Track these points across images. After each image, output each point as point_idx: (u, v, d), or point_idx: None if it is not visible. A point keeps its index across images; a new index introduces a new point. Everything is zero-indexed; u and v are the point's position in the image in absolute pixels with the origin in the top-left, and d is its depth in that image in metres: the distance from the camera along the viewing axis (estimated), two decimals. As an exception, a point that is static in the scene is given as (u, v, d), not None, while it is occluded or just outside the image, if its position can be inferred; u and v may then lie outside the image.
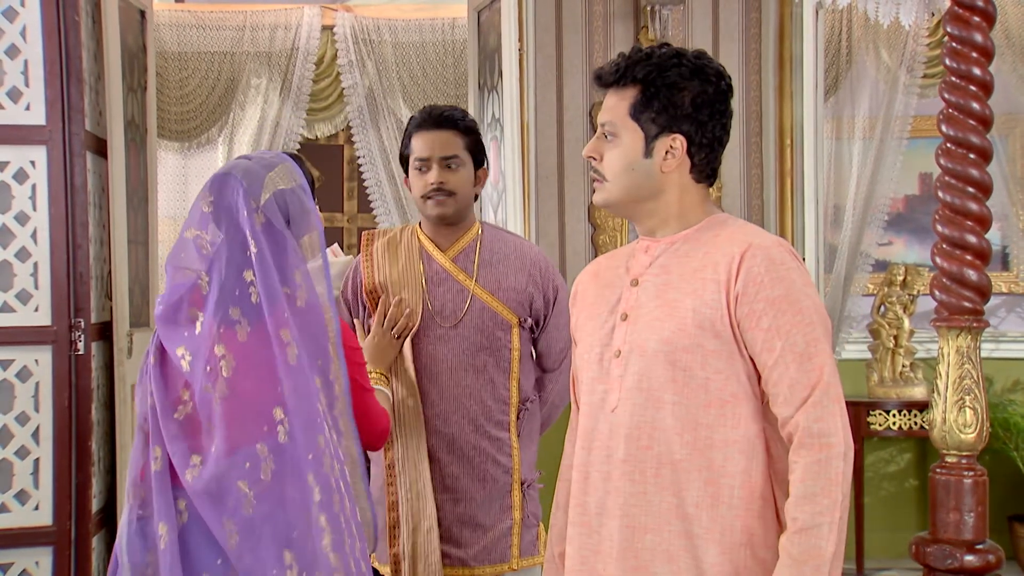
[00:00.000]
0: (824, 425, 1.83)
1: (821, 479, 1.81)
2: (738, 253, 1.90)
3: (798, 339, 1.86)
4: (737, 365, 1.90)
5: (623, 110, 1.98)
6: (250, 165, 2.24)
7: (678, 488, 1.90)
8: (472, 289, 2.73)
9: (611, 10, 4.81)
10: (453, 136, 2.74)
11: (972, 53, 2.99)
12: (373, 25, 5.72)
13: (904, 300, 5.28)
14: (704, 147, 1.98)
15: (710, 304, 1.90)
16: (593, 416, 2.00)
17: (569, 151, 4.81)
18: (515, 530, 2.74)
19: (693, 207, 2.01)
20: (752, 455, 1.90)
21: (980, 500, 2.99)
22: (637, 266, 2.02)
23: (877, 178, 5.60)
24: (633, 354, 1.95)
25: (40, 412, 3.61)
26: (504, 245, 2.80)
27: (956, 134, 3.01)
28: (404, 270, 2.77)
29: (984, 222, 3.00)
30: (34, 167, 3.63)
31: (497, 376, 2.73)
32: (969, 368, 2.97)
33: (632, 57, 1.99)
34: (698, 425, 1.90)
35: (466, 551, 2.72)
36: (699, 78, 1.96)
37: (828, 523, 1.80)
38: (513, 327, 2.74)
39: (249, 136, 5.65)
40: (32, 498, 3.60)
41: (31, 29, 3.62)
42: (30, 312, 3.62)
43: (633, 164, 1.97)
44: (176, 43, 5.53)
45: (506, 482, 2.74)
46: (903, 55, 5.54)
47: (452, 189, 2.72)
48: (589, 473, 1.99)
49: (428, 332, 2.73)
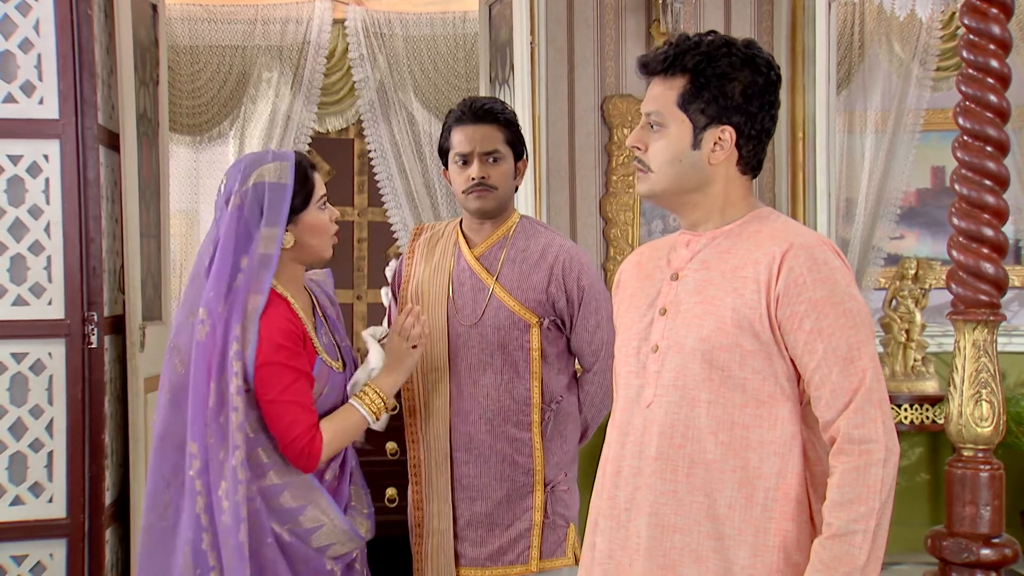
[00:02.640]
0: (865, 431, 1.80)
1: (859, 486, 1.78)
2: (779, 253, 1.86)
3: (840, 342, 1.82)
4: (776, 366, 1.87)
5: (671, 100, 1.93)
6: (256, 156, 2.54)
7: (710, 488, 1.87)
8: (492, 288, 2.71)
9: (623, 3, 4.80)
10: (494, 130, 2.71)
11: (990, 45, 2.99)
12: (384, 19, 5.71)
13: (916, 294, 5.27)
14: (752, 139, 1.94)
15: (750, 304, 1.86)
16: (628, 410, 1.98)
17: (580, 144, 4.80)
18: (535, 532, 2.69)
19: (737, 200, 1.97)
20: (788, 457, 1.87)
21: (996, 494, 2.99)
22: (678, 260, 1.99)
23: (889, 172, 5.58)
24: (671, 350, 1.92)
25: (54, 405, 3.62)
26: (533, 242, 2.76)
27: (973, 127, 3.01)
28: (436, 267, 2.79)
29: (1001, 215, 3.00)
30: (47, 161, 3.64)
31: (516, 376, 2.69)
32: (986, 362, 2.97)
33: (680, 46, 1.94)
34: (734, 425, 1.87)
35: (481, 551, 2.70)
36: (750, 68, 1.92)
37: (863, 530, 1.77)
38: (532, 327, 2.69)
39: (260, 130, 5.64)
40: (46, 491, 3.61)
41: (44, 23, 3.62)
42: (43, 305, 3.62)
43: (680, 155, 1.93)
44: (188, 37, 5.53)
45: (526, 483, 2.70)
46: (916, 47, 5.52)
47: (493, 184, 2.70)
48: (621, 467, 1.97)
49: (450, 330, 2.72)
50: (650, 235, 4.79)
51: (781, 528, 1.86)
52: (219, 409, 2.39)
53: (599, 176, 4.77)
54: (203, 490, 2.39)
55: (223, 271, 2.43)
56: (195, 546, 2.39)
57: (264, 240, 2.44)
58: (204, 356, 2.41)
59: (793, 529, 1.86)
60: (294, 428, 2.43)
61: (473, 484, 2.70)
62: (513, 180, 2.76)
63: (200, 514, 2.39)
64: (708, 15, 4.84)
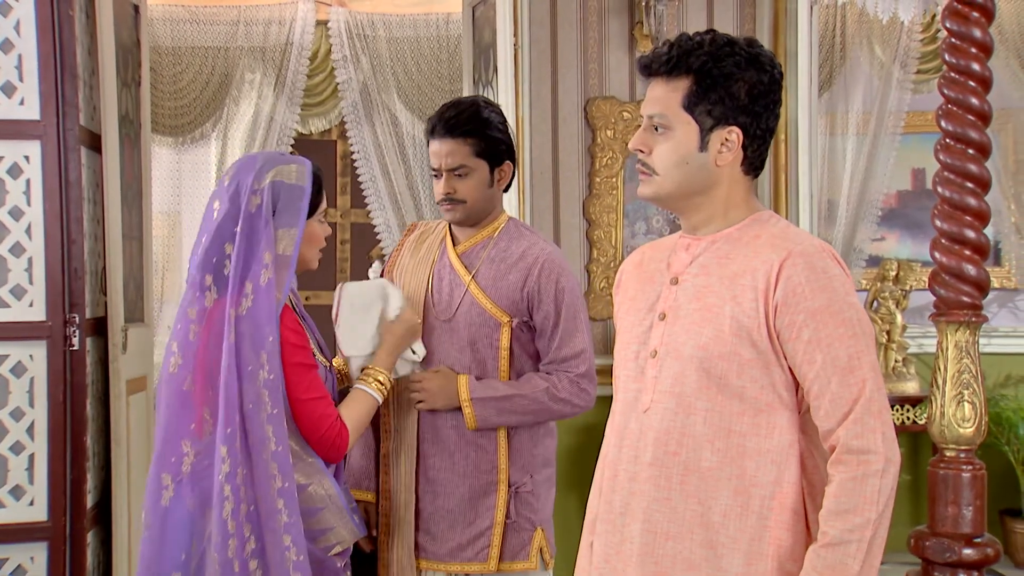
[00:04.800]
0: (863, 442, 1.78)
1: (856, 496, 1.76)
2: (778, 261, 1.84)
3: (840, 352, 1.80)
4: (774, 374, 1.85)
5: (676, 102, 1.89)
6: (272, 154, 2.55)
7: (704, 496, 1.85)
8: (468, 285, 2.73)
9: (606, 5, 4.81)
10: (460, 145, 2.71)
11: (971, 49, 3.01)
12: (367, 20, 5.70)
13: (897, 295, 5.30)
14: (757, 139, 1.91)
15: (748, 313, 1.84)
16: (625, 414, 1.96)
17: (564, 146, 4.81)
18: (496, 531, 2.70)
19: (739, 202, 1.95)
20: (785, 466, 1.85)
21: (978, 494, 3.01)
22: (677, 263, 1.96)
23: (870, 173, 5.62)
24: (669, 356, 1.90)
25: (35, 407, 3.59)
26: (515, 244, 2.77)
27: (955, 129, 3.02)
28: (421, 260, 2.83)
29: (983, 217, 3.02)
30: (28, 162, 3.61)
31: (484, 373, 2.71)
32: (968, 363, 2.99)
33: (683, 46, 1.90)
34: (731, 432, 1.85)
35: (441, 546, 2.72)
36: (755, 67, 1.88)
37: (857, 541, 1.76)
38: (503, 326, 2.71)
39: (243, 131, 5.62)
40: (27, 494, 3.58)
41: (25, 24, 3.60)
42: (24, 307, 3.60)
43: (687, 158, 1.90)
44: (170, 38, 5.51)
45: (489, 481, 2.71)
46: (897, 50, 5.56)
47: (460, 198, 2.73)
48: (617, 471, 1.95)
49: (426, 323, 2.76)
50: (633, 237, 4.80)
51: (776, 537, 1.84)
52: (257, 407, 2.40)
53: (582, 178, 4.78)
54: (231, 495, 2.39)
55: (245, 267, 2.42)
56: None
57: (282, 240, 2.45)
58: (233, 355, 2.39)
59: (788, 538, 1.84)
60: (323, 423, 2.48)
61: (438, 478, 2.72)
62: (488, 188, 2.76)
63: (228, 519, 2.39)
64: (691, 17, 4.85)
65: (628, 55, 4.78)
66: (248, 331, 2.39)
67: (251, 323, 2.39)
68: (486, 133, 2.74)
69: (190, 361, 2.43)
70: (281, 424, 2.39)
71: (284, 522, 2.36)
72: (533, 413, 2.69)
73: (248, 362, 2.38)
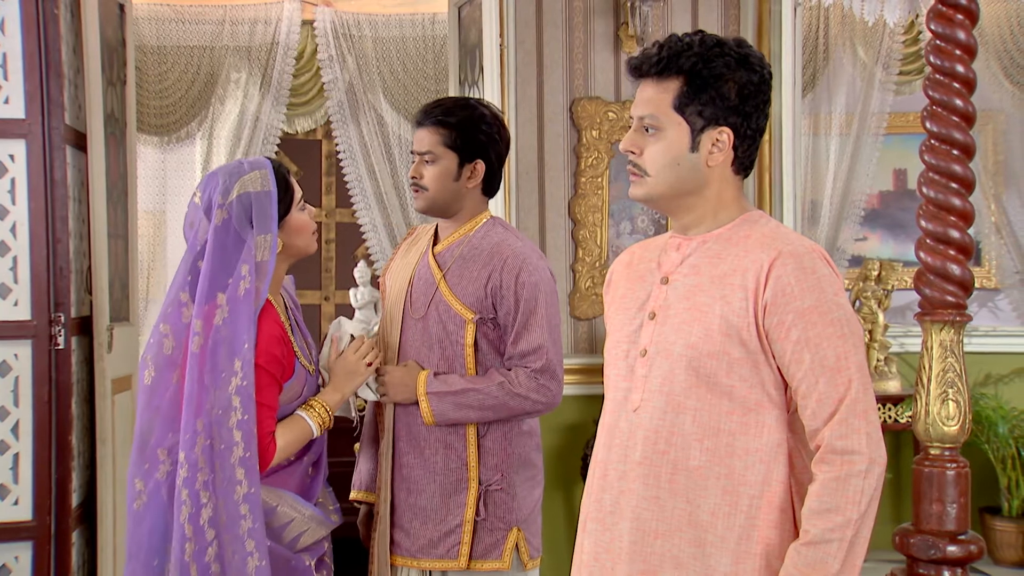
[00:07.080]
0: (847, 442, 1.78)
1: (837, 496, 1.77)
2: (767, 261, 1.85)
3: (828, 352, 1.80)
4: (763, 374, 1.85)
5: (666, 103, 1.89)
6: (231, 167, 2.55)
7: (693, 495, 1.86)
8: (438, 283, 2.74)
9: (591, 6, 4.82)
10: (430, 132, 2.76)
11: (955, 51, 3.03)
12: (353, 20, 5.70)
13: (879, 295, 5.33)
14: (747, 139, 1.92)
15: (737, 312, 1.85)
16: (615, 413, 1.97)
17: (550, 146, 4.82)
18: (467, 529, 2.70)
19: (730, 202, 1.95)
20: (774, 464, 1.85)
21: (963, 491, 3.03)
22: (668, 263, 1.97)
23: (853, 174, 5.66)
24: (659, 356, 1.90)
25: (20, 407, 3.58)
26: (487, 241, 2.77)
27: (940, 130, 3.05)
28: (407, 261, 2.86)
29: (967, 217, 3.04)
30: (13, 161, 3.60)
31: (452, 371, 2.71)
32: (952, 361, 3.01)
33: (673, 47, 1.90)
34: (720, 431, 1.85)
35: (414, 542, 2.73)
36: (744, 67, 1.89)
37: (838, 540, 1.76)
38: (468, 323, 2.70)
39: (228, 130, 5.61)
40: (12, 493, 3.57)
41: (10, 22, 3.59)
42: (9, 306, 3.58)
43: (679, 159, 1.90)
44: (155, 37, 5.49)
45: (460, 479, 2.71)
46: (879, 52, 5.60)
47: (424, 184, 2.77)
48: (607, 470, 1.96)
49: (403, 322, 2.78)
50: (618, 237, 4.81)
51: (764, 536, 1.85)
52: (224, 414, 2.42)
53: (568, 178, 4.79)
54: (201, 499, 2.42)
55: (214, 280, 2.46)
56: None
57: (260, 248, 2.48)
58: (196, 364, 2.43)
59: (776, 537, 1.85)
60: (259, 431, 2.47)
61: (411, 475, 2.74)
62: (453, 181, 2.76)
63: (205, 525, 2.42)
64: (676, 19, 4.87)
65: (613, 56, 4.80)
66: (225, 339, 2.42)
67: (228, 332, 2.42)
68: (461, 126, 2.75)
69: (163, 373, 2.46)
70: (252, 430, 2.41)
71: (247, 527, 2.39)
72: (491, 408, 2.66)
73: (222, 369, 2.41)
